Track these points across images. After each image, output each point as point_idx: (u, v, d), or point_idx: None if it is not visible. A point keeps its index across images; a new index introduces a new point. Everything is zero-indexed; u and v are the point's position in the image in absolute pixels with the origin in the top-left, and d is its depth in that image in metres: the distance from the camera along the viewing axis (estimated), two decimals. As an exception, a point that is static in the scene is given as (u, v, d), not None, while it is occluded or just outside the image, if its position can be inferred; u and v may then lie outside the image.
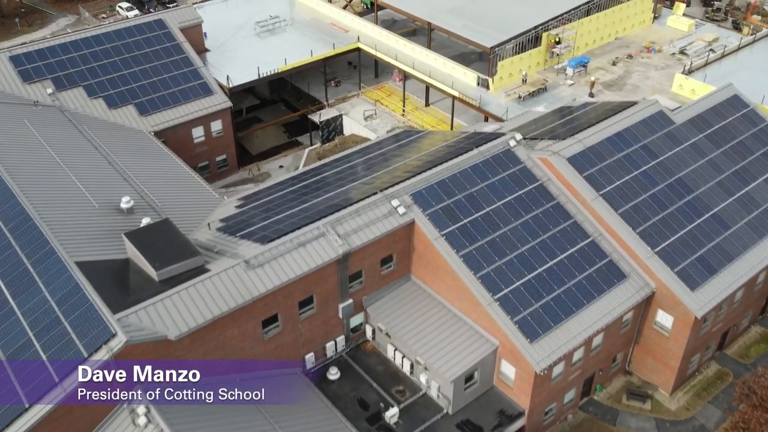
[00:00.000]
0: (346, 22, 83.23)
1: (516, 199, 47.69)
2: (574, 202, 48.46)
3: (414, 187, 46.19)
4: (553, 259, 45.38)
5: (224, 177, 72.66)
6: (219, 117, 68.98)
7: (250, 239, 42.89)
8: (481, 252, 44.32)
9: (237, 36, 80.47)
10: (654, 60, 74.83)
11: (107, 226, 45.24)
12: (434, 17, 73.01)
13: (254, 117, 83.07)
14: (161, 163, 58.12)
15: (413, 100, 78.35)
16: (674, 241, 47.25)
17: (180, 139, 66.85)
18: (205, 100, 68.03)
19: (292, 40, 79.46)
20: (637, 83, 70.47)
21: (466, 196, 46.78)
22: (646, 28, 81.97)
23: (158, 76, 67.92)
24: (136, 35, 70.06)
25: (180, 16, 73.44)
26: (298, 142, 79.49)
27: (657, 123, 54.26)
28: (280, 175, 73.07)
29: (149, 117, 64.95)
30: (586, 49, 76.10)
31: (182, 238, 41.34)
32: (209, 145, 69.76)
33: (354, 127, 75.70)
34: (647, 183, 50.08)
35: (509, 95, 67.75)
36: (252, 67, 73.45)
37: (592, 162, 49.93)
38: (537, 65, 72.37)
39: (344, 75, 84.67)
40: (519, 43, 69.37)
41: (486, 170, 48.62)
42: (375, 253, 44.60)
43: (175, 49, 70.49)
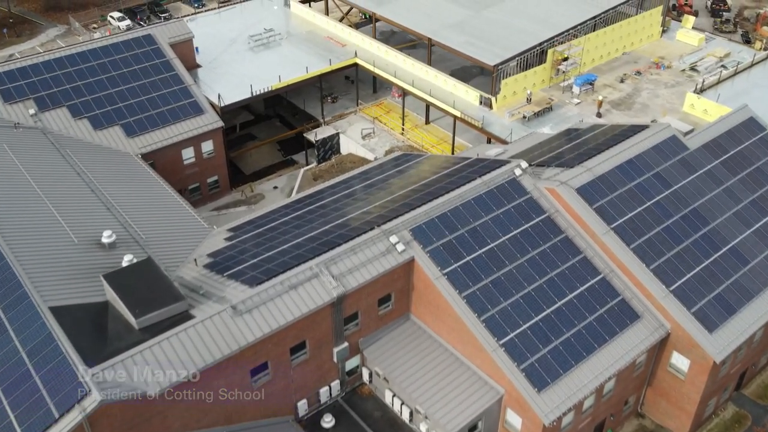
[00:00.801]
0: (343, 36, 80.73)
1: (522, 233, 45.14)
2: (584, 235, 45.93)
3: (414, 222, 43.65)
4: (562, 299, 42.82)
5: (216, 199, 70.15)
6: (210, 137, 66.45)
7: (238, 280, 40.33)
8: (485, 292, 41.75)
9: (230, 50, 77.96)
10: (663, 77, 72.34)
11: (86, 264, 42.66)
12: (435, 33, 70.51)
13: (248, 134, 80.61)
14: (148, 189, 55.54)
15: (413, 118, 75.86)
16: (690, 279, 44.68)
17: (169, 161, 64.31)
18: (195, 119, 65.49)
19: (286, 55, 76.95)
20: (647, 102, 67.95)
21: (469, 230, 44.24)
22: (654, 42, 79.50)
23: (146, 95, 65.38)
24: (124, 51, 67.52)
25: (170, 31, 70.92)
26: (294, 160, 76.99)
27: (670, 149, 51.74)
28: (274, 196, 70.77)
29: (136, 138, 62.41)
30: (592, 65, 73.63)
31: (165, 281, 38.74)
32: (200, 167, 67.21)
33: (351, 146, 73.20)
34: (660, 214, 47.54)
35: (513, 115, 65.23)
36: (245, 84, 70.93)
37: (603, 192, 47.37)
38: (542, 83, 69.86)
39: (341, 90, 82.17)
40: (523, 60, 66.86)
41: (490, 202, 46.08)
42: (372, 294, 42.05)
43: (164, 66, 67.94)
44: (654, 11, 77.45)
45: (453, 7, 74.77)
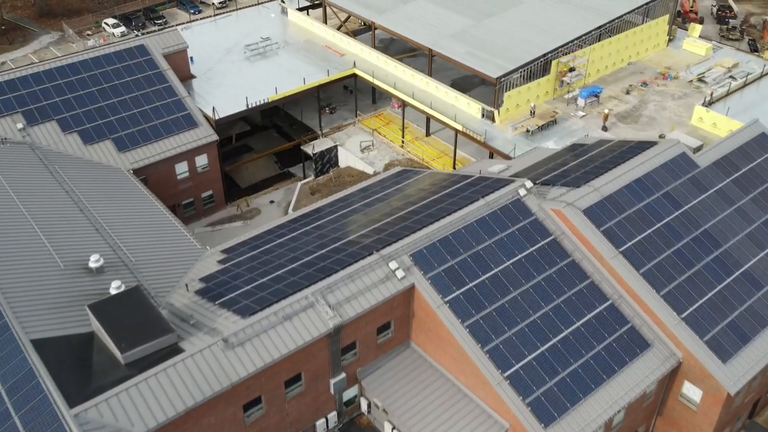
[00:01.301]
0: (341, 45, 79.11)
1: (527, 257, 43.49)
2: (591, 259, 44.28)
3: (414, 246, 41.99)
4: (569, 327, 41.17)
5: (211, 214, 68.57)
6: (204, 151, 64.84)
7: (231, 309, 38.68)
8: (489, 321, 40.09)
9: (225, 60, 76.33)
10: (670, 88, 70.71)
11: (72, 290, 41.03)
12: (436, 43, 68.88)
13: (244, 145, 79.01)
14: (139, 207, 53.88)
15: (413, 129, 74.24)
16: (702, 305, 43.02)
17: (162, 176, 62.73)
18: (189, 133, 63.88)
19: (283, 65, 75.32)
20: (654, 115, 66.31)
21: (471, 255, 42.58)
22: (660, 51, 77.89)
23: (139, 108, 63.77)
24: (116, 63, 65.91)
25: (164, 42, 69.31)
26: (291, 173, 75.39)
27: (679, 167, 50.12)
28: (270, 210, 69.19)
29: (128, 153, 60.81)
30: (597, 76, 72.01)
31: (153, 312, 37.08)
32: (194, 181, 65.60)
33: (350, 159, 71.56)
34: (671, 237, 45.90)
35: (516, 129, 63.59)
36: (240, 95, 69.33)
37: (611, 214, 45.73)
38: (545, 94, 68.23)
39: (340, 100, 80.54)
40: (526, 72, 65.21)
41: (494, 224, 44.43)
42: (371, 323, 40.40)
43: (157, 78, 66.33)
44: (660, 20, 75.85)
45: (454, 15, 73.15)
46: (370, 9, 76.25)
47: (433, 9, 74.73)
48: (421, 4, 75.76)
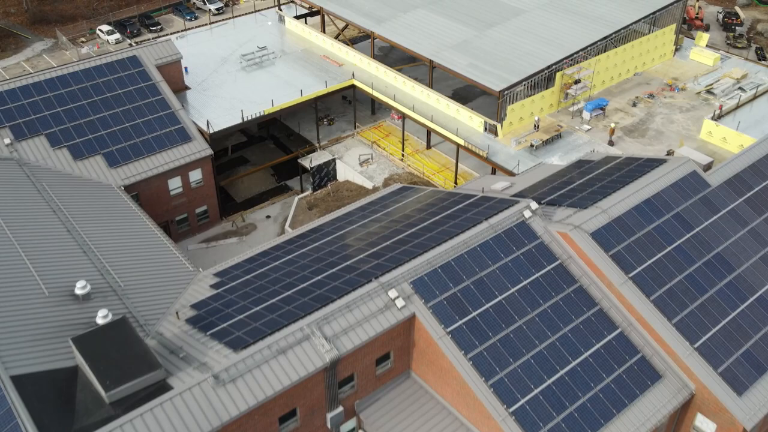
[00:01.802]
0: (339, 55, 77.48)
1: (533, 283, 41.82)
2: (599, 285, 42.63)
3: (414, 273, 40.34)
4: (577, 358, 39.50)
5: (205, 230, 66.93)
6: (198, 166, 63.19)
7: (222, 341, 36.99)
8: (493, 352, 38.42)
9: (221, 71, 74.69)
10: (678, 100, 69.05)
11: (57, 320, 39.35)
12: (436, 54, 67.20)
13: (240, 157, 77.40)
14: (129, 227, 52.20)
15: (413, 142, 72.59)
16: (716, 334, 41.35)
17: (154, 192, 61.10)
18: (182, 147, 62.22)
19: (280, 76, 73.67)
20: (661, 128, 64.64)
21: (475, 281, 40.91)
22: (667, 61, 76.25)
23: (131, 122, 62.12)
24: (107, 75, 64.28)
25: (157, 52, 67.68)
26: (288, 186, 73.76)
27: (690, 186, 48.48)
28: (266, 226, 67.56)
29: (119, 169, 59.14)
30: (602, 87, 70.37)
31: (140, 346, 35.37)
32: (188, 197, 63.94)
33: (348, 173, 69.91)
34: (682, 261, 44.24)
35: (520, 143, 61.92)
36: (236, 108, 67.72)
37: (619, 237, 44.08)
38: (550, 107, 66.57)
39: (338, 111, 78.90)
40: (530, 84, 63.53)
41: (498, 248, 42.76)
42: (369, 354, 38.73)
43: (150, 90, 64.68)
44: (667, 29, 74.20)
45: (455, 25, 71.50)
46: (368, 18, 74.61)
47: (434, 18, 73.09)
48: (422, 13, 74.17)
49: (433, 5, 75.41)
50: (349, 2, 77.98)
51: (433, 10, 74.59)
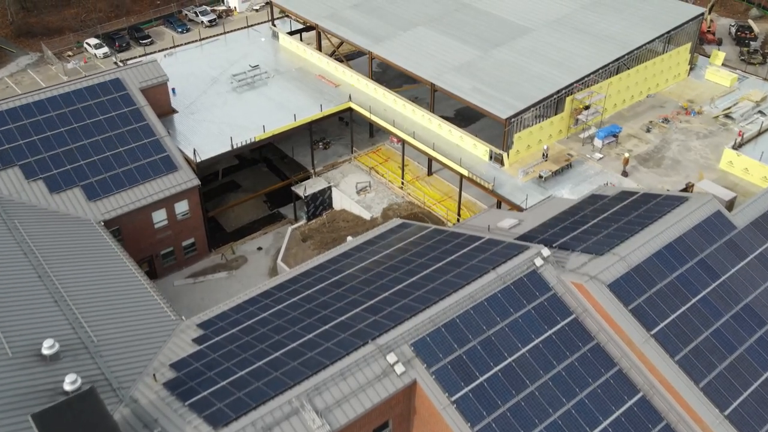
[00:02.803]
0: (336, 74, 74.04)
1: (545, 342, 38.35)
2: (618, 342, 39.16)
3: (416, 333, 36.90)
4: (595, 428, 35.96)
5: (193, 263, 63.50)
6: (185, 197, 59.75)
7: (202, 414, 33.52)
8: (503, 424, 34.91)
9: (210, 92, 71.23)
10: (694, 124, 65.60)
11: (20, 387, 35.92)
12: (439, 76, 63.74)
13: (231, 182, 73.94)
14: (107, 269, 48.75)
15: (413, 167, 69.11)
16: (748, 399, 37.89)
17: (137, 225, 57.68)
18: (167, 178, 58.78)
19: (272, 98, 70.22)
20: (677, 156, 61.18)
21: (482, 341, 37.45)
22: (681, 82, 72.84)
23: (112, 150, 58.68)
24: (88, 99, 60.86)
25: (141, 74, 64.24)
26: (281, 214, 70.29)
27: (714, 228, 45.03)
28: (257, 259, 64.15)
29: (99, 202, 55.72)
30: (614, 111, 66.92)
31: (108, 424, 31.80)
32: (174, 229, 60.48)
33: (345, 201, 66.44)
34: (709, 314, 40.78)
35: (528, 173, 58.45)
36: (225, 133, 64.32)
37: (640, 288, 40.62)
38: (559, 133, 63.13)
39: (334, 134, 75.42)
40: (538, 110, 60.06)
41: (507, 302, 39.30)
42: (365, 425, 35.22)
43: (134, 116, 61.24)
44: (682, 49, 70.81)
45: (458, 45, 68.05)
46: (366, 36, 71.16)
47: (435, 37, 69.64)
48: (422, 32, 70.73)
49: (434, 23, 72.00)
50: (346, 19, 74.57)
51: (435, 28, 71.14)
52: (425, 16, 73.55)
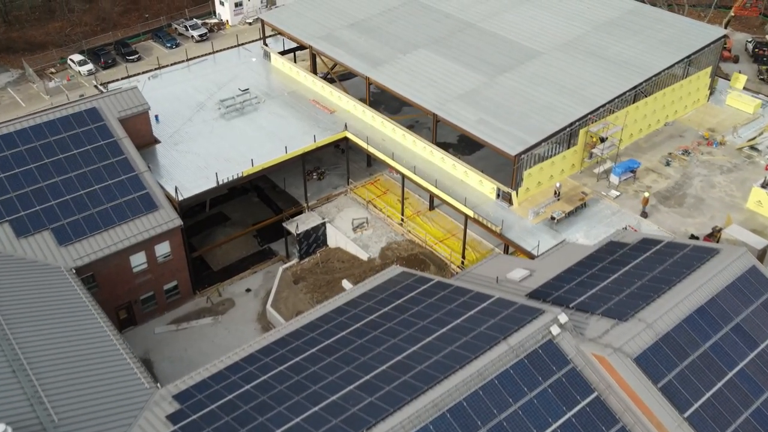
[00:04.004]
0: (332, 99, 69.79)
1: (565, 427, 34.09)
2: (647, 425, 34.89)
3: (417, 420, 32.68)
4: None
5: (176, 307, 59.33)
6: (166, 238, 55.52)
7: None
8: None
9: (196, 119, 66.96)
10: (717, 157, 61.32)
11: (-37, 485, 31.42)
12: (441, 107, 59.42)
13: (219, 213, 69.61)
14: (75, 327, 44.49)
15: (414, 201, 64.83)
16: (795, 493, 33.49)
17: (113, 270, 53.50)
18: (147, 218, 54.56)
19: (263, 126, 65.95)
20: (701, 194, 56.88)
21: (493, 428, 33.09)
22: (700, 108, 68.54)
23: (87, 188, 54.49)
24: (61, 132, 56.70)
25: (120, 103, 60.05)
26: (272, 251, 65.96)
27: (750, 287, 40.80)
28: (246, 302, 59.93)
29: (70, 247, 51.52)
30: (630, 141, 62.64)
31: None
32: (154, 273, 56.25)
33: (340, 239, 62.14)
34: (748, 390, 36.53)
35: (538, 215, 54.15)
36: (211, 166, 60.12)
37: (670, 362, 36.34)
38: (572, 168, 58.85)
39: (329, 162, 71.13)
40: (550, 144, 55.74)
41: (520, 380, 35.02)
42: None
43: (111, 149, 57.04)
44: (702, 73, 66.55)
45: (462, 70, 63.71)
46: (363, 59, 66.86)
47: (438, 61, 65.32)
48: (423, 55, 66.43)
49: (436, 45, 67.72)
50: (341, 40, 70.30)
51: (437, 51, 66.84)
52: (426, 37, 69.31)
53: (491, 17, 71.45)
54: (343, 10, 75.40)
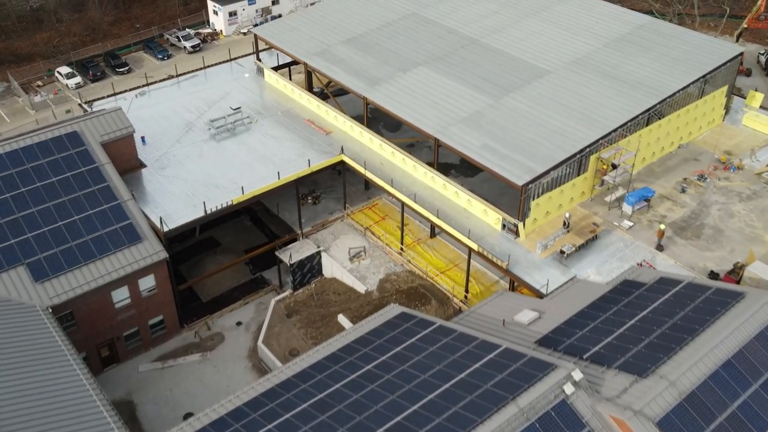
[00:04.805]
0: (327, 119, 66.78)
1: (581, 502, 30.92)
2: (671, 498, 31.70)
3: (418, 497, 29.46)
4: None
5: (162, 342, 56.48)
6: (151, 272, 52.50)
7: None
8: None
9: (185, 141, 63.95)
10: (735, 183, 58.30)
11: None
12: (443, 131, 56.37)
13: (210, 238, 66.57)
14: (50, 376, 41.40)
15: (414, 228, 61.87)
16: None
17: (93, 307, 50.62)
18: (130, 251, 51.61)
19: (255, 148, 62.91)
20: (719, 224, 53.85)
21: (501, 506, 30.01)
22: (715, 128, 65.53)
23: (65, 219, 51.51)
24: (39, 158, 53.77)
25: (103, 126, 57.11)
26: (264, 280, 62.92)
27: (779, 336, 37.63)
28: (236, 337, 56.97)
29: (47, 283, 48.62)
30: (642, 165, 59.63)
31: None
32: (138, 308, 53.31)
33: (336, 269, 59.16)
34: (780, 457, 33.38)
35: (547, 248, 51.13)
36: (199, 193, 57.21)
37: (695, 425, 33.39)
38: (581, 195, 55.85)
39: (325, 185, 68.11)
40: (559, 172, 52.70)
41: (531, 448, 31.88)
42: None
43: (92, 176, 54.08)
44: (718, 93, 63.56)
45: (465, 90, 60.65)
46: (361, 78, 63.81)
47: (439, 80, 62.25)
48: (424, 73, 63.38)
49: (437, 63, 64.67)
50: (338, 57, 67.26)
51: (438, 69, 63.77)
52: (427, 53, 66.26)
53: (496, 33, 68.43)
54: (340, 24, 72.41)
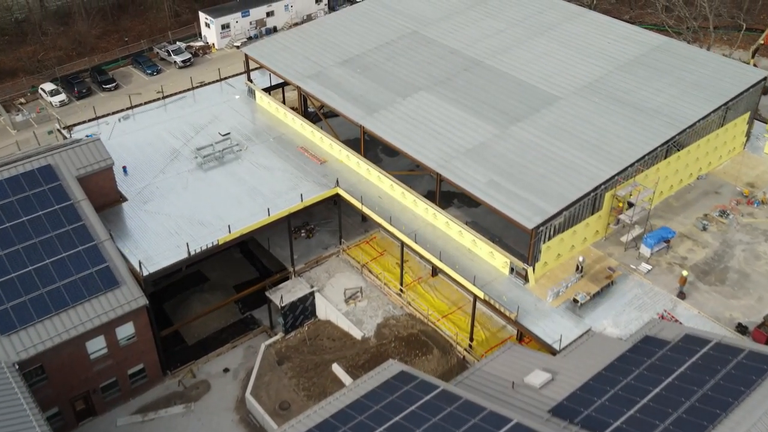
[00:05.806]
0: (322, 147, 63.13)
1: None
2: None
3: None
4: None
5: (143, 392, 53.07)
6: (129, 319, 48.87)
7: None
8: None
9: (169, 171, 60.35)
10: (760, 219, 54.69)
11: None
12: (446, 164, 52.70)
13: (197, 272, 62.93)
14: (12, 447, 37.73)
15: (414, 264, 58.24)
16: None
17: (66, 360, 47.13)
18: (106, 297, 48.11)
19: (244, 180, 59.26)
20: (744, 268, 50.24)
21: None
22: (736, 157, 61.86)
23: (36, 263, 47.94)
24: (9, 195, 50.47)
25: (80, 158, 53.65)
26: (254, 319, 59.31)
27: (822, 411, 33.89)
28: (222, 385, 53.42)
29: (14, 336, 45.22)
30: (659, 199, 55.96)
31: None
32: (116, 357, 49.77)
33: (330, 312, 55.59)
34: None
35: (559, 295, 47.47)
36: (183, 231, 53.56)
37: None
38: (595, 235, 52.22)
39: (320, 216, 64.35)
40: (572, 212, 49.06)
41: None
42: None
43: (66, 214, 50.51)
44: (740, 120, 59.94)
45: (469, 118, 56.99)
46: (357, 104, 60.13)
47: (441, 107, 58.57)
48: (425, 99, 59.71)
49: (439, 87, 61.00)
50: (333, 80, 63.58)
51: (440, 94, 60.10)
52: (429, 76, 62.60)
53: (501, 53, 64.79)
54: (336, 43, 68.79)
